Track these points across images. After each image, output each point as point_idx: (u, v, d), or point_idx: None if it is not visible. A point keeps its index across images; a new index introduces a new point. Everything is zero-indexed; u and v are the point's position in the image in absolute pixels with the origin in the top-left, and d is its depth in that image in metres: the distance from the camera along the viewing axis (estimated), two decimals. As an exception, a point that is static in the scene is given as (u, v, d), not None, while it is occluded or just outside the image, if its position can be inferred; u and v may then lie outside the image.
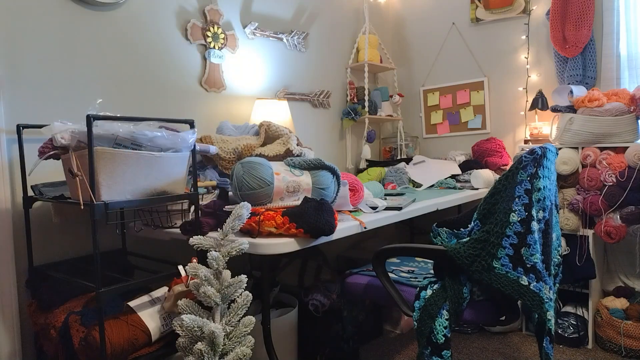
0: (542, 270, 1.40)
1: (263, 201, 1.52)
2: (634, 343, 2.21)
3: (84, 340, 1.30)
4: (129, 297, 1.43)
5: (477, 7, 3.06)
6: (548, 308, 1.41)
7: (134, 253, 1.84)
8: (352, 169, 3.12)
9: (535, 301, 1.37)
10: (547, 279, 1.47)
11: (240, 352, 1.23)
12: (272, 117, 2.31)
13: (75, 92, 1.79)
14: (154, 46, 2.05)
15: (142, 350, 1.38)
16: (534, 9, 2.86)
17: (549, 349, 1.48)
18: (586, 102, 2.34)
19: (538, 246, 1.40)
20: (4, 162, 1.59)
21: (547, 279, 1.46)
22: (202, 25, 2.23)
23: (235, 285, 1.28)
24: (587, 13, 2.59)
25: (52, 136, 1.28)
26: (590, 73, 2.64)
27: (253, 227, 1.41)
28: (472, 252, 1.40)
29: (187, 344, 1.26)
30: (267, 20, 2.56)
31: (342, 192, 1.70)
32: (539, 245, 1.41)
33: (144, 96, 2.02)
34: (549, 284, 1.47)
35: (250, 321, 1.29)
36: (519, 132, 2.97)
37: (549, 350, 1.47)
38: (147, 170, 1.33)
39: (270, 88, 2.59)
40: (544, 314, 1.41)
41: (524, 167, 1.41)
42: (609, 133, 2.29)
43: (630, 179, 2.16)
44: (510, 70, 2.99)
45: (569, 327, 2.37)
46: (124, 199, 1.28)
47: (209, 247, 1.29)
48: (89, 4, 1.82)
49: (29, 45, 1.67)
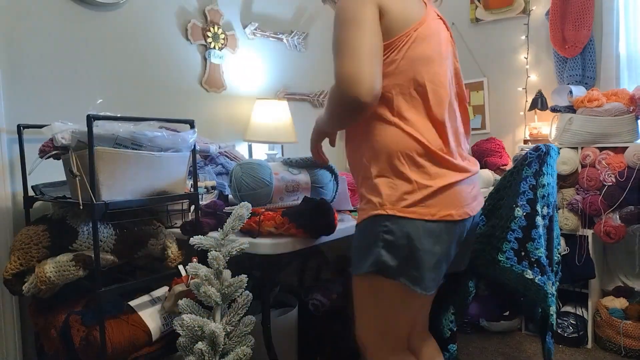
0: (545, 265, 1.42)
1: (263, 201, 1.53)
2: (634, 343, 2.21)
3: (85, 339, 1.31)
4: (129, 296, 1.43)
5: (477, 7, 3.06)
6: (551, 303, 1.43)
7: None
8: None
9: (540, 294, 1.40)
10: (550, 274, 1.48)
11: (241, 351, 1.24)
12: (272, 117, 2.31)
13: (75, 92, 1.79)
14: (154, 46, 2.05)
15: (143, 350, 1.38)
16: (534, 9, 2.87)
17: (551, 344, 1.49)
18: (586, 102, 2.34)
19: (542, 241, 1.42)
20: (5, 162, 1.60)
21: (550, 275, 1.47)
22: (203, 25, 2.23)
23: (235, 285, 1.28)
24: (586, 13, 2.59)
25: (52, 136, 1.28)
26: (590, 73, 2.64)
27: (253, 227, 1.41)
28: (478, 247, 1.42)
29: (187, 343, 1.26)
30: (267, 21, 2.57)
31: (341, 189, 1.70)
32: (543, 240, 1.43)
33: (144, 96, 2.02)
34: (552, 279, 1.49)
35: (250, 321, 1.29)
36: (518, 132, 2.97)
37: (550, 346, 1.48)
38: (147, 170, 1.33)
39: (270, 88, 2.59)
40: (548, 309, 1.43)
41: (529, 164, 1.44)
42: (608, 133, 2.29)
43: (629, 179, 2.16)
44: (509, 71, 2.99)
45: (569, 327, 2.37)
46: (124, 199, 1.29)
47: (210, 247, 1.29)
48: (90, 4, 1.83)
49: (29, 45, 1.67)
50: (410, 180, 1.10)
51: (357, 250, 1.19)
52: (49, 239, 1.34)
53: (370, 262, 1.12)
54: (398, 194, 1.10)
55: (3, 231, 1.59)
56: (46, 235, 1.34)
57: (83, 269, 1.29)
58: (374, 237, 1.11)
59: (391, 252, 1.10)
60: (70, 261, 1.29)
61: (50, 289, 1.31)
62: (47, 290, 1.30)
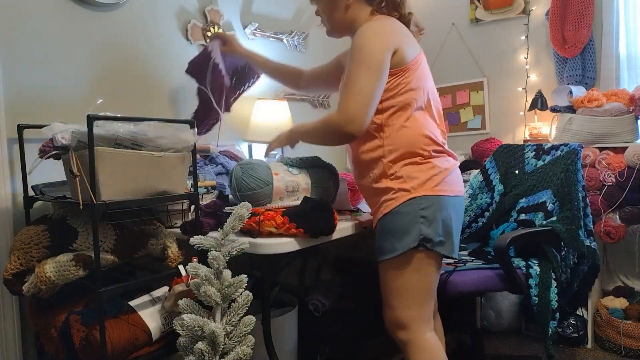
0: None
1: (263, 201, 1.53)
2: (634, 343, 2.21)
3: (85, 339, 1.31)
4: (129, 296, 1.43)
5: (477, 7, 3.06)
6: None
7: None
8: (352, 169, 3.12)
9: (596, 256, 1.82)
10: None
11: (241, 351, 1.24)
12: (272, 118, 2.31)
13: (75, 92, 1.79)
14: (154, 46, 2.05)
15: (143, 350, 1.38)
16: (534, 9, 2.87)
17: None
18: (585, 102, 2.34)
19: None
20: (5, 162, 1.60)
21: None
22: (203, 25, 2.23)
23: (235, 284, 1.28)
24: (586, 13, 2.59)
25: (52, 136, 1.28)
26: (590, 73, 2.64)
27: (253, 227, 1.41)
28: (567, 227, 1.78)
29: (187, 343, 1.26)
30: (267, 21, 2.57)
31: (341, 189, 1.70)
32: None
33: (144, 96, 2.02)
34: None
35: (250, 321, 1.29)
36: (518, 132, 2.97)
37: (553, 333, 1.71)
38: (147, 170, 1.33)
39: (271, 88, 2.59)
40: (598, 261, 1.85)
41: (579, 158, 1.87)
42: (608, 133, 2.29)
43: (629, 179, 2.16)
44: (509, 71, 2.99)
45: (569, 327, 2.37)
46: (124, 199, 1.29)
47: (210, 247, 1.29)
48: (90, 5, 1.83)
49: (29, 45, 1.67)
50: (434, 165, 1.39)
51: (395, 233, 1.38)
52: (49, 239, 1.34)
53: (413, 238, 1.35)
54: (427, 176, 1.37)
55: (3, 231, 1.59)
56: (46, 235, 1.34)
57: (83, 269, 1.29)
58: (413, 216, 1.35)
59: (430, 226, 1.35)
60: (70, 261, 1.29)
61: (50, 289, 1.30)
62: (47, 290, 1.30)
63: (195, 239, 1.30)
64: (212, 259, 1.26)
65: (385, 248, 1.39)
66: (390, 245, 1.38)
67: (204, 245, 1.29)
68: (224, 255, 1.27)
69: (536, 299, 1.70)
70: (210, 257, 1.26)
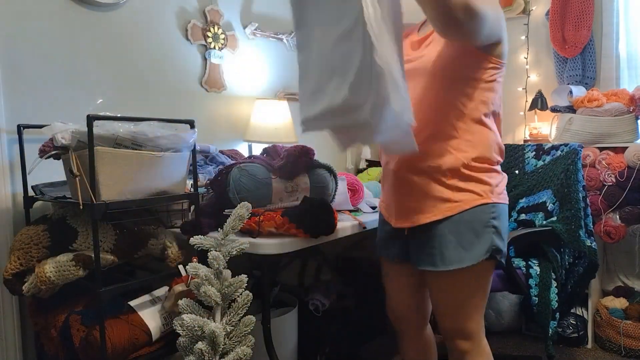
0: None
1: (262, 202, 1.52)
2: (634, 343, 2.21)
3: (85, 339, 1.31)
4: (129, 296, 1.43)
5: (477, 7, 3.06)
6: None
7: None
8: (352, 169, 3.12)
9: (595, 255, 1.84)
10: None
11: (241, 351, 1.24)
12: (272, 118, 2.31)
13: (75, 92, 1.79)
14: (154, 46, 2.05)
15: (143, 350, 1.38)
16: (534, 9, 2.87)
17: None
18: (585, 102, 2.34)
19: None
20: (5, 162, 1.60)
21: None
22: (203, 25, 2.23)
23: (235, 284, 1.28)
24: (586, 13, 2.59)
25: (52, 136, 1.28)
26: (590, 73, 2.64)
27: (253, 227, 1.41)
28: (567, 227, 1.80)
29: (187, 343, 1.26)
30: (267, 21, 2.57)
31: (341, 189, 1.70)
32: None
33: (144, 96, 2.02)
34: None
35: (250, 321, 1.29)
36: (518, 132, 2.97)
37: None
38: (147, 170, 1.33)
39: (271, 88, 2.59)
40: (598, 260, 1.88)
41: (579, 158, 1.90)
42: (608, 133, 2.30)
43: (629, 179, 2.16)
44: (509, 71, 2.95)
45: (569, 327, 2.37)
46: (124, 199, 1.29)
47: (210, 247, 1.29)
48: (90, 5, 1.83)
49: (29, 45, 1.67)
50: (499, 172, 1.35)
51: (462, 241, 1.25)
52: (49, 239, 1.34)
53: (484, 248, 1.25)
54: (496, 182, 1.30)
55: (3, 231, 1.59)
56: (46, 235, 1.34)
57: (83, 269, 1.29)
58: (484, 224, 1.25)
59: (500, 237, 1.27)
60: (70, 261, 1.29)
61: (50, 289, 1.30)
62: (47, 290, 1.30)
63: (195, 239, 1.30)
64: (212, 259, 1.26)
65: (450, 257, 1.25)
66: (456, 255, 1.24)
67: (204, 245, 1.29)
68: (224, 255, 1.27)
69: (536, 299, 1.71)
70: (210, 257, 1.26)
